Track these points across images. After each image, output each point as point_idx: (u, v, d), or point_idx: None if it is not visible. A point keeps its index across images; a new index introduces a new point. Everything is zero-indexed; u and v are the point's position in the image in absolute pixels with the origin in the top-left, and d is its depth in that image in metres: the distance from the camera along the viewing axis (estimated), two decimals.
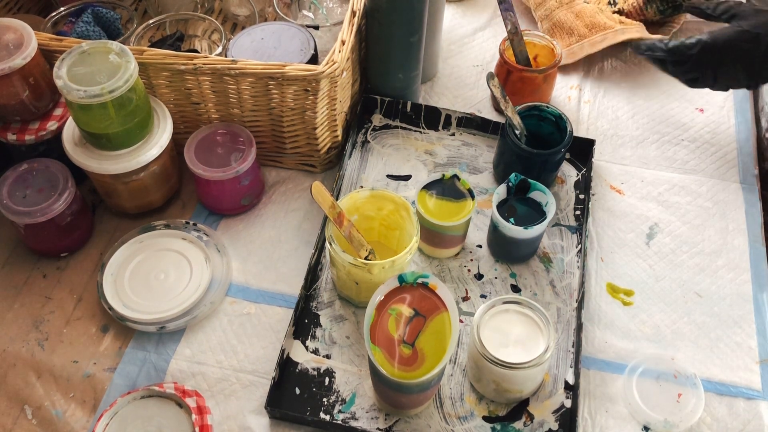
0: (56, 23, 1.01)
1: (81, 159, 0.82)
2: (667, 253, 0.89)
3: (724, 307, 0.85)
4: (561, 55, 0.98)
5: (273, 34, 0.94)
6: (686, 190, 0.96)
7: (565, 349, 0.80)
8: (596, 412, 0.77)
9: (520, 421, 0.76)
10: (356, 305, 0.83)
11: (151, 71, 0.85)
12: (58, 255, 0.87)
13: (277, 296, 0.85)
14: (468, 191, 0.84)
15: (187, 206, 0.93)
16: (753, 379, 0.79)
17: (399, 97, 0.99)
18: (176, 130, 0.89)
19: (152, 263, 0.84)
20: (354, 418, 0.76)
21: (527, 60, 1.00)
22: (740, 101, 1.06)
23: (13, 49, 0.79)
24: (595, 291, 0.86)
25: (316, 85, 0.82)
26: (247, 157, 0.86)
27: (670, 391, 0.77)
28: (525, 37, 0.99)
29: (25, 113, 0.84)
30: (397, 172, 0.97)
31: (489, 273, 0.87)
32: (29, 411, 0.76)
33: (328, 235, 0.76)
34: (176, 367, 0.79)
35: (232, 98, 0.87)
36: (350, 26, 0.85)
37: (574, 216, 0.92)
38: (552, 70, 0.98)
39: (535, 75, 0.97)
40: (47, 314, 0.83)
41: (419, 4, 0.88)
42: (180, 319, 0.80)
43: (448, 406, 0.76)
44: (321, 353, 0.80)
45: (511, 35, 0.98)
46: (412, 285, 0.67)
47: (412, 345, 0.65)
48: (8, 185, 0.82)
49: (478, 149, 0.99)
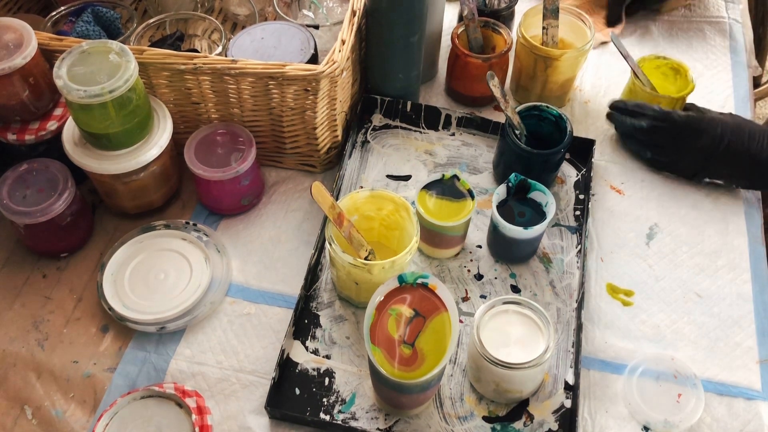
0: (56, 23, 1.01)
1: (81, 159, 0.82)
2: (667, 253, 0.89)
3: (724, 307, 0.85)
4: (511, 43, 0.98)
5: (273, 33, 0.94)
6: (686, 190, 0.96)
7: (565, 349, 0.80)
8: (596, 412, 0.77)
9: (520, 422, 0.76)
10: (356, 305, 0.83)
11: (151, 71, 0.85)
12: (58, 255, 0.87)
13: (277, 296, 0.85)
14: (468, 191, 0.84)
15: (187, 206, 0.93)
16: (753, 379, 0.79)
17: (399, 97, 0.99)
18: (176, 130, 0.89)
19: (152, 263, 0.84)
20: (354, 419, 0.76)
21: (481, 47, 1.00)
22: (741, 101, 1.06)
23: (13, 49, 0.79)
24: (595, 291, 0.86)
25: (316, 84, 0.82)
26: (247, 157, 0.86)
27: (670, 391, 0.77)
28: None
29: (25, 113, 0.84)
30: (397, 172, 0.96)
31: (489, 273, 0.87)
32: (29, 411, 0.76)
33: (328, 236, 0.76)
34: (176, 368, 0.79)
35: (232, 98, 0.87)
36: (350, 26, 0.85)
37: (574, 216, 0.92)
38: (499, 58, 0.98)
39: (480, 62, 0.97)
40: (47, 314, 0.83)
41: (419, 4, 0.88)
42: (180, 319, 0.80)
43: (448, 407, 0.76)
44: (321, 353, 0.80)
45: (467, 21, 0.99)
46: (412, 285, 0.67)
47: (412, 345, 0.65)
48: (8, 185, 0.82)
49: (478, 149, 0.99)
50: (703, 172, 0.94)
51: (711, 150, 0.90)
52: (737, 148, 0.89)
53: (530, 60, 0.99)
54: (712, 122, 0.91)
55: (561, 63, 0.97)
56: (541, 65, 0.98)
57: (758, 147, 0.89)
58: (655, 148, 0.95)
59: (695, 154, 0.92)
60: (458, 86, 1.03)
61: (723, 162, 0.91)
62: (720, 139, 0.89)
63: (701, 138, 0.90)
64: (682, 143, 0.92)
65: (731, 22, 1.19)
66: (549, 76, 0.99)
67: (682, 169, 0.95)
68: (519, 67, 1.03)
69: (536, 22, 1.01)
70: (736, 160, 0.90)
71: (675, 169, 0.96)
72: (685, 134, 0.92)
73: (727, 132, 0.90)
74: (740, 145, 0.89)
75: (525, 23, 1.00)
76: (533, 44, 0.97)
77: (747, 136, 0.89)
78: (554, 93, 1.02)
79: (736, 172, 0.92)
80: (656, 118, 0.93)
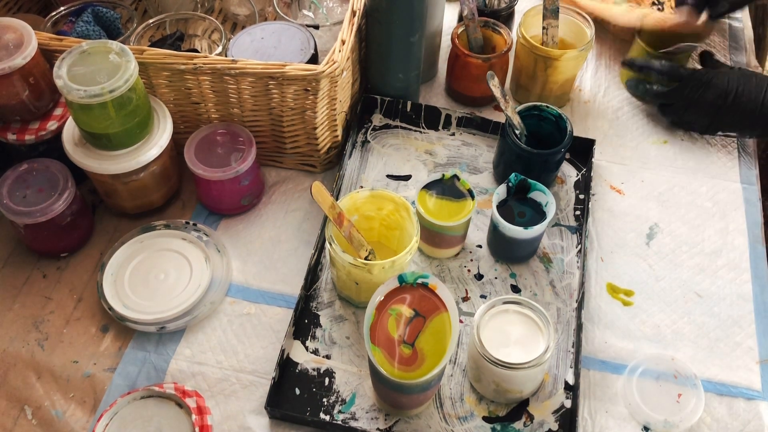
0: (56, 23, 1.01)
1: (81, 159, 0.82)
2: (667, 253, 0.89)
3: (724, 307, 0.85)
4: (511, 43, 0.98)
5: (273, 33, 0.94)
6: (686, 190, 0.96)
7: (565, 349, 0.80)
8: (596, 412, 0.77)
9: (520, 422, 0.76)
10: (356, 305, 0.83)
11: (151, 71, 0.85)
12: (58, 255, 0.87)
13: (277, 296, 0.85)
14: (468, 191, 0.84)
15: (187, 206, 0.93)
16: (753, 379, 0.79)
17: (399, 97, 0.99)
18: (176, 130, 0.89)
19: (152, 263, 0.84)
20: (354, 419, 0.76)
21: (481, 47, 1.01)
22: None
23: (13, 49, 0.79)
24: (595, 291, 0.86)
25: (316, 84, 0.82)
26: (247, 157, 0.86)
27: (670, 391, 0.77)
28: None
29: (25, 113, 0.84)
30: (397, 172, 0.96)
31: (489, 273, 0.87)
32: (29, 411, 0.76)
33: (328, 235, 0.76)
34: (176, 368, 0.79)
35: (232, 98, 0.87)
36: (350, 26, 0.85)
37: (574, 216, 0.92)
38: (499, 58, 0.98)
39: (480, 62, 0.97)
40: (47, 314, 0.83)
41: (419, 4, 0.88)
42: (180, 319, 0.80)
43: (448, 407, 0.76)
44: (321, 353, 0.80)
45: (467, 21, 0.99)
46: (412, 285, 0.67)
47: (412, 345, 0.65)
48: (8, 185, 0.82)
49: (478, 149, 0.99)
50: (715, 125, 0.95)
51: (720, 102, 0.92)
52: (746, 98, 0.90)
53: (530, 60, 0.99)
54: (719, 75, 0.92)
55: (561, 63, 0.97)
56: (541, 65, 0.98)
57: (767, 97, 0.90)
58: (665, 103, 0.98)
59: (705, 107, 0.93)
60: (458, 86, 1.03)
61: (733, 114, 0.92)
62: (728, 91, 0.91)
63: (709, 91, 0.92)
64: (691, 97, 0.94)
65: (731, 22, 1.19)
66: (549, 76, 0.99)
67: (694, 123, 0.97)
68: (519, 67, 1.03)
69: (536, 22, 1.01)
70: (747, 110, 0.91)
71: (687, 125, 0.98)
72: (692, 88, 0.93)
73: (734, 84, 0.91)
74: (749, 95, 0.90)
75: (525, 23, 1.00)
76: (533, 44, 0.97)
77: (755, 87, 0.90)
78: (554, 93, 1.02)
79: (747, 122, 0.93)
80: (662, 73, 0.95)
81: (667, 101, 0.98)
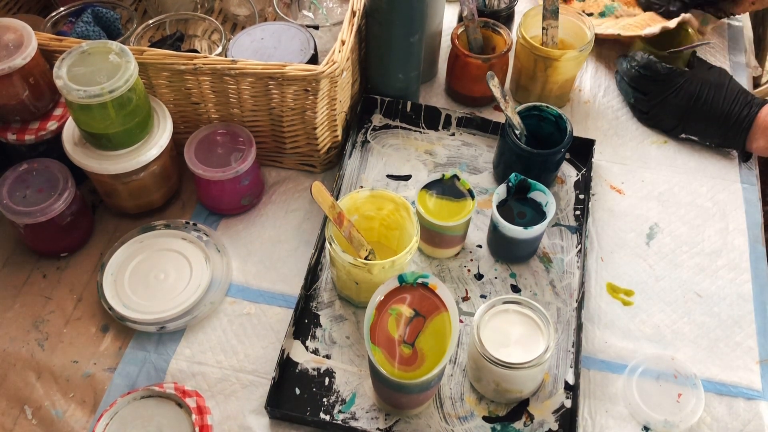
0: (56, 23, 1.01)
1: (81, 159, 0.82)
2: (667, 253, 0.89)
3: (724, 307, 0.85)
4: (511, 43, 0.99)
5: (273, 34, 0.94)
6: (686, 190, 0.96)
7: (565, 349, 0.80)
8: (596, 412, 0.77)
9: (520, 421, 0.76)
10: (356, 305, 0.83)
11: (151, 71, 0.85)
12: (58, 255, 0.87)
13: (277, 296, 0.85)
14: (468, 191, 0.84)
15: (187, 206, 0.93)
16: (753, 379, 0.79)
17: (399, 97, 0.99)
18: (176, 130, 0.89)
19: (152, 263, 0.84)
20: (354, 418, 0.76)
21: (481, 48, 1.01)
22: None
23: (13, 49, 0.79)
24: (595, 291, 0.86)
25: (316, 85, 0.82)
26: (247, 157, 0.86)
27: (670, 391, 0.77)
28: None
29: (25, 113, 0.84)
30: (397, 172, 0.97)
31: (489, 273, 0.87)
32: (29, 411, 0.76)
33: (328, 235, 0.76)
34: (176, 367, 0.79)
35: (232, 98, 0.87)
36: (350, 26, 0.85)
37: (574, 216, 0.92)
38: (499, 59, 0.98)
39: (480, 62, 0.98)
40: (47, 314, 0.83)
41: (419, 4, 0.88)
42: (180, 319, 0.80)
43: (448, 406, 0.76)
44: (321, 353, 0.80)
45: (467, 21, 0.99)
46: (412, 285, 0.67)
47: (412, 345, 0.65)
48: (8, 185, 0.82)
49: (478, 149, 0.99)
50: (680, 128, 0.98)
51: (687, 106, 0.95)
52: (712, 107, 0.93)
53: (530, 60, 0.99)
54: (693, 79, 0.95)
55: (561, 63, 0.97)
56: (541, 66, 0.98)
57: (734, 108, 0.92)
58: (638, 93, 1.00)
59: (673, 108, 0.96)
60: (458, 86, 1.03)
61: (697, 120, 0.95)
62: (697, 97, 0.94)
63: (679, 93, 0.95)
64: (661, 95, 0.97)
65: (730, 21, 1.19)
66: (549, 77, 0.99)
67: (661, 121, 1.00)
68: (519, 67, 1.03)
69: (536, 22, 1.01)
70: (710, 119, 0.94)
71: (654, 122, 1.00)
72: (665, 86, 0.96)
73: (705, 90, 0.93)
74: (716, 104, 0.93)
75: (525, 24, 1.00)
76: (533, 45, 0.97)
77: (723, 98, 0.93)
78: (554, 93, 1.02)
79: (709, 130, 0.96)
80: (641, 65, 0.98)
81: (638, 88, 1.00)
